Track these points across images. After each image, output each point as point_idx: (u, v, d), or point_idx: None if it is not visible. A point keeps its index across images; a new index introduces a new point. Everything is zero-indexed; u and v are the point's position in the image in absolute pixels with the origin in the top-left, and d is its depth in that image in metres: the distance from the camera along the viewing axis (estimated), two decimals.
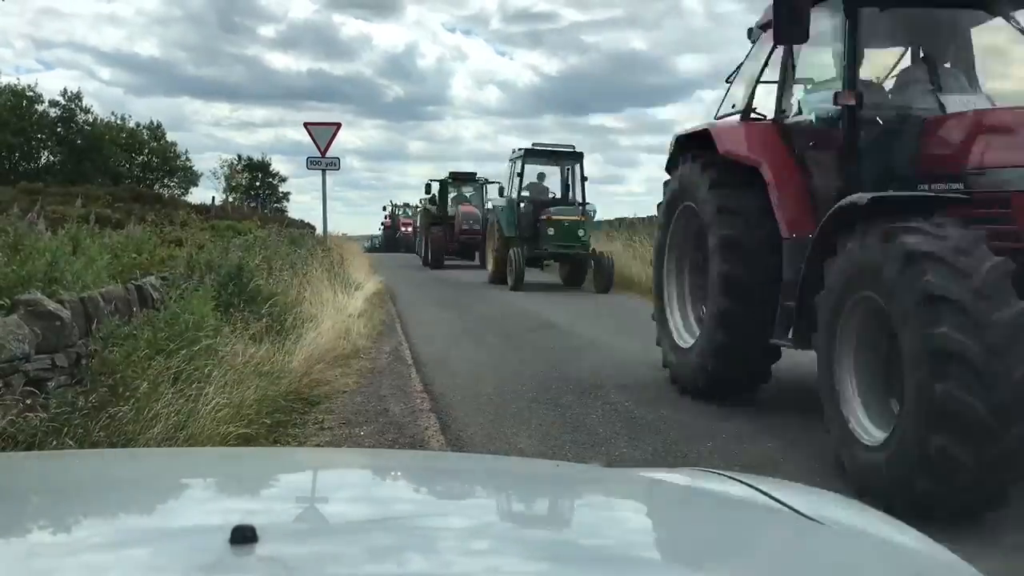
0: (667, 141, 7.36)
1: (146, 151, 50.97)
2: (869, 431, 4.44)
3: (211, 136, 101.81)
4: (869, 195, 4.66)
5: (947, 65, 6.02)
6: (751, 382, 6.34)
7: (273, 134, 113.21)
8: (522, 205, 17.68)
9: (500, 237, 17.65)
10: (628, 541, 1.21)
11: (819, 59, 6.22)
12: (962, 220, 4.41)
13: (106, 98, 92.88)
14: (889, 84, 6.16)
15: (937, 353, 3.88)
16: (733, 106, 6.76)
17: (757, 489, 1.46)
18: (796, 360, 8.34)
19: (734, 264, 5.97)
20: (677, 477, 1.71)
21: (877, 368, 4.59)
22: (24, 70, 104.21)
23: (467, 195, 28.19)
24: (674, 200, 6.96)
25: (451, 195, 27.99)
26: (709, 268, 6.25)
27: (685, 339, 6.84)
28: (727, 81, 7.04)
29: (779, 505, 1.39)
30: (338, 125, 16.39)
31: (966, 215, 4.52)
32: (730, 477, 1.57)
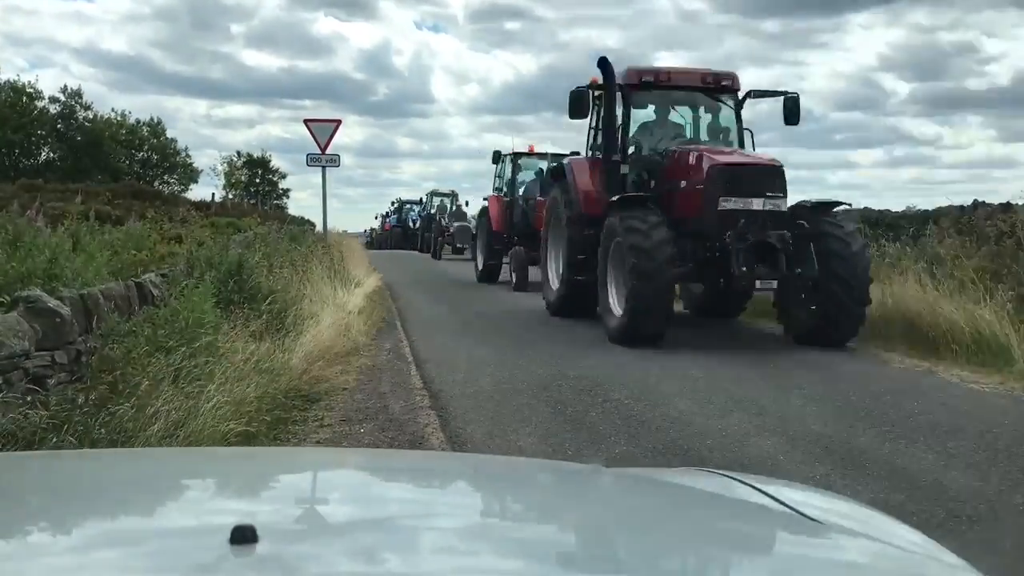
0: None
1: (146, 148, 50.94)
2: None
3: (194, 133, 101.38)
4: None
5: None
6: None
7: (258, 132, 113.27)
8: None
9: None
10: (627, 541, 1.21)
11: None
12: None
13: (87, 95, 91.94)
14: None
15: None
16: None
17: (757, 489, 1.46)
18: (788, 364, 8.30)
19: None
20: (677, 477, 1.72)
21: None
22: (9, 66, 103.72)
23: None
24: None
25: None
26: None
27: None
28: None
29: (779, 505, 1.39)
30: (338, 122, 16.36)
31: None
32: (730, 477, 1.57)
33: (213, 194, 35.82)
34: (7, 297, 4.48)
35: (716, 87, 10.51)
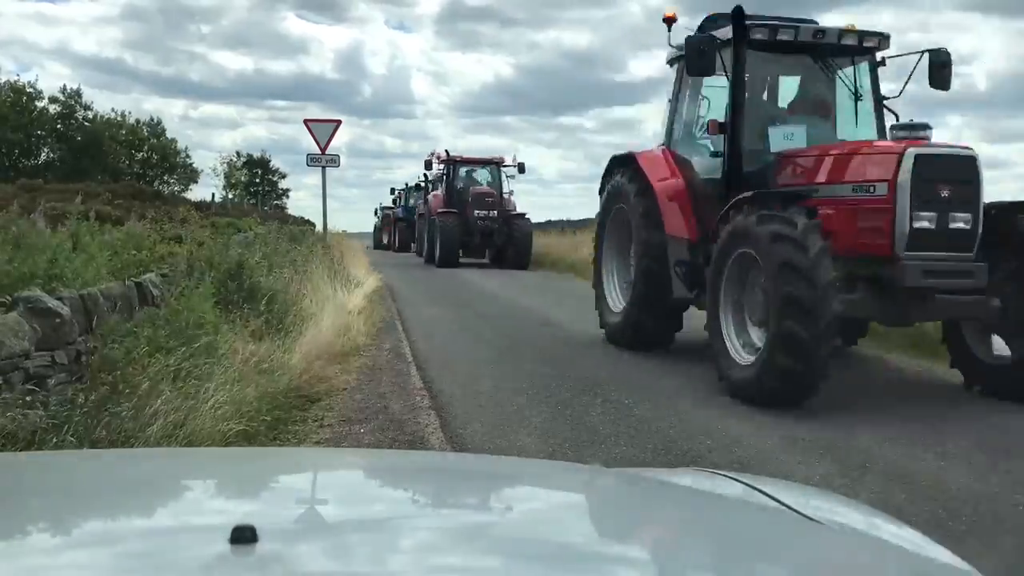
0: (636, 140, 9.88)
1: (146, 148, 50.96)
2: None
3: (176, 134, 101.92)
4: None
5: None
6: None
7: (242, 133, 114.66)
8: None
9: None
10: (628, 541, 1.21)
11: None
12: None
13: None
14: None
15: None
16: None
17: (757, 489, 1.46)
18: None
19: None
20: (677, 477, 1.71)
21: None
22: None
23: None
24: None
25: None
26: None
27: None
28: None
29: (779, 505, 1.39)
30: (338, 122, 16.36)
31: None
32: (730, 477, 1.57)
33: (213, 194, 35.82)
34: (7, 297, 4.48)
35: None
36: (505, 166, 23.14)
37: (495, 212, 21.10)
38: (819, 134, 7.61)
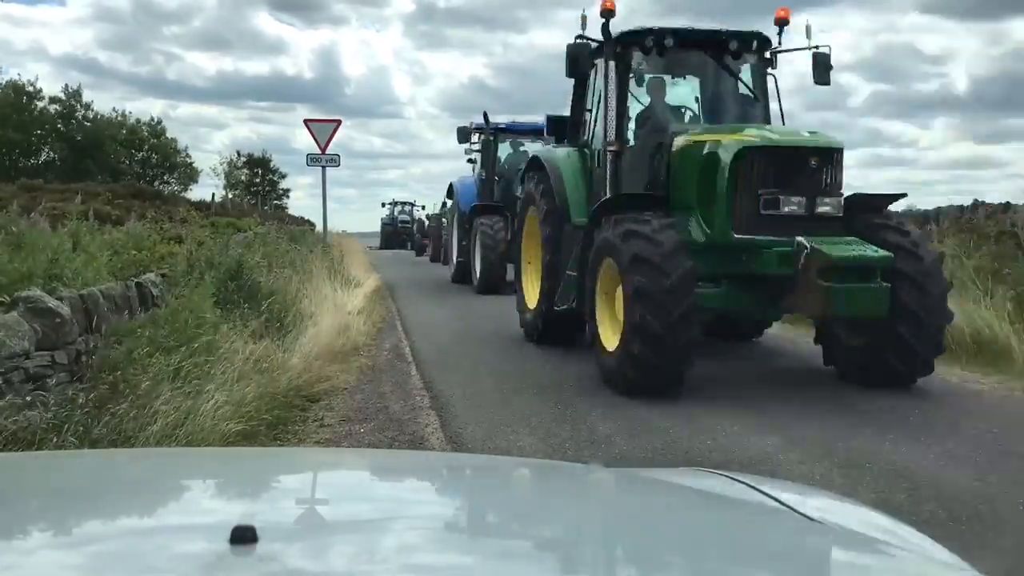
0: None
1: (146, 148, 50.87)
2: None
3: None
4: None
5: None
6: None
7: (229, 133, 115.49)
8: None
9: None
10: (627, 541, 1.21)
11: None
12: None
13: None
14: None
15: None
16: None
17: (757, 489, 1.46)
18: (790, 364, 8.29)
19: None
20: (677, 477, 1.71)
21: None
22: None
23: None
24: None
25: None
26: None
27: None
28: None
29: (779, 505, 1.39)
30: (338, 122, 16.40)
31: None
32: (730, 477, 1.57)
33: (213, 194, 35.70)
34: (7, 297, 4.48)
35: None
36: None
37: None
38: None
